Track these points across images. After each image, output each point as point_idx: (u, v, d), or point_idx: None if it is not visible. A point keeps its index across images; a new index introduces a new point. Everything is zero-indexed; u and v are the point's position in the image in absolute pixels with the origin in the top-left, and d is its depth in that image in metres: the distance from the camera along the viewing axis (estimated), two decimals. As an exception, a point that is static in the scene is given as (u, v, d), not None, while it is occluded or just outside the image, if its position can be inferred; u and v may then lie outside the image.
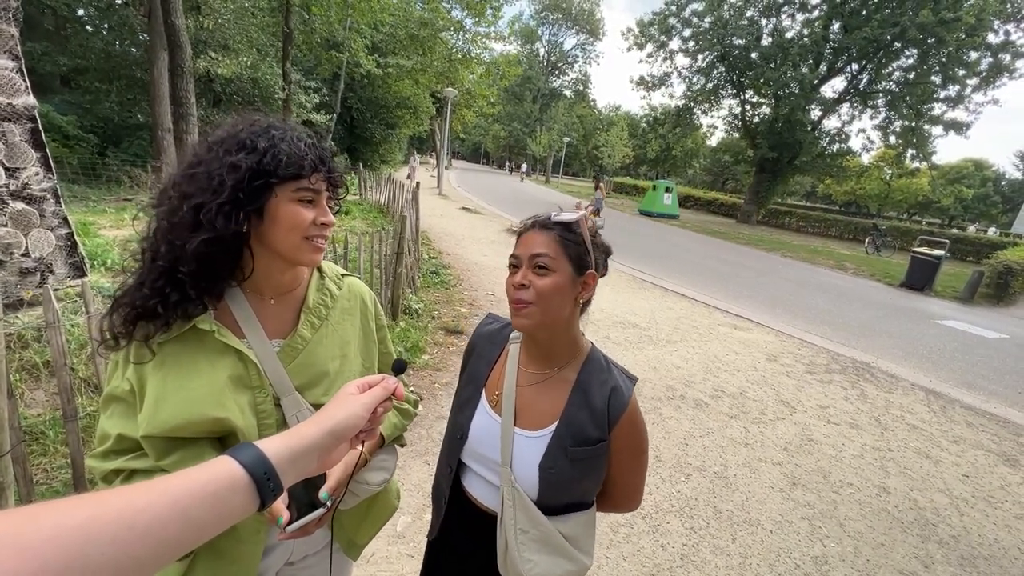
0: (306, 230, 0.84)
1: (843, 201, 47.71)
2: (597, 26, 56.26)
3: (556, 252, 0.94)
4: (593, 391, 1.00)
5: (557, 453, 0.97)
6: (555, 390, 1.02)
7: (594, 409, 0.99)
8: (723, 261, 12.08)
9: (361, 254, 4.02)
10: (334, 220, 0.88)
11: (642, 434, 1.02)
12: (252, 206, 0.80)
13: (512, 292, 0.95)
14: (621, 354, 4.81)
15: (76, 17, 13.38)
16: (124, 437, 0.82)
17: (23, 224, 3.08)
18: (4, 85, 2.94)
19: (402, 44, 18.49)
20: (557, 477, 0.97)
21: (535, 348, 1.05)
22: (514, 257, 0.98)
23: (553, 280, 0.93)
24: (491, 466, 1.03)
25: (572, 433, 0.98)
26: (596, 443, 0.98)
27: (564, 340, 1.03)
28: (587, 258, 0.98)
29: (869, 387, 4.86)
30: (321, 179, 0.86)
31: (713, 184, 54.72)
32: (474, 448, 1.05)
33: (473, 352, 1.17)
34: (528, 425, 1.01)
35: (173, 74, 8.38)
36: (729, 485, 2.96)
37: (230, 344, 0.84)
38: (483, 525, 1.04)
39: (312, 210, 0.85)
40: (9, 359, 2.58)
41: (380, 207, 11.27)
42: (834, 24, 21.74)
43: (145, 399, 0.79)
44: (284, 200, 0.82)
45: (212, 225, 0.76)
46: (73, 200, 7.70)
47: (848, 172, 28.19)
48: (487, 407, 1.07)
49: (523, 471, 0.98)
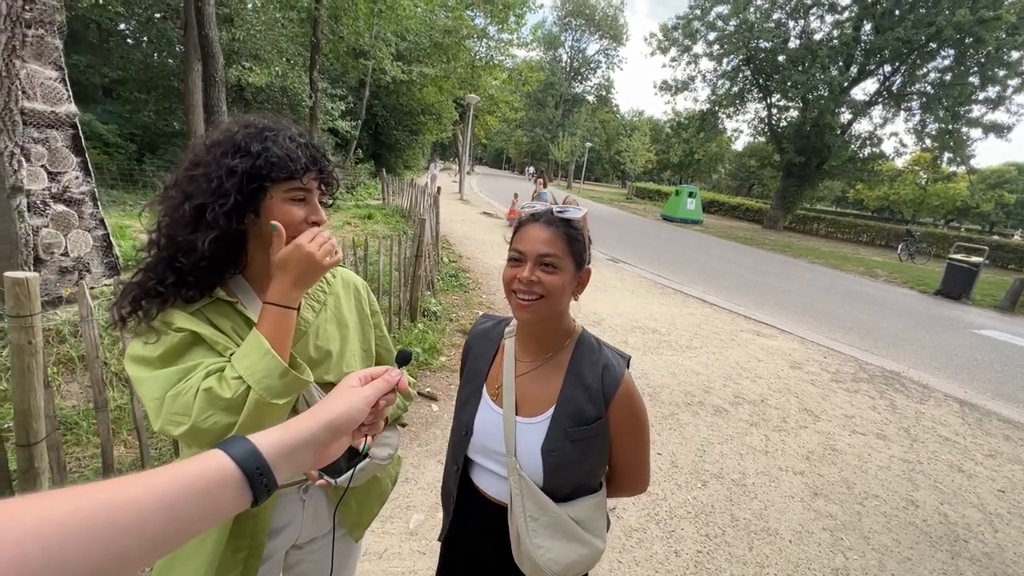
0: (297, 228, 0.88)
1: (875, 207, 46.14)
2: (620, 31, 56.09)
3: (562, 251, 0.95)
4: (585, 371, 1.02)
5: (557, 435, 0.99)
6: (551, 375, 1.04)
7: (589, 388, 1.00)
8: (747, 267, 11.85)
9: (381, 257, 4.09)
10: (325, 218, 0.92)
11: (640, 410, 1.03)
12: (250, 207, 0.85)
13: (517, 286, 0.96)
14: (639, 359, 4.76)
15: (118, 31, 14.05)
16: (191, 367, 0.83)
17: (63, 225, 3.25)
18: (48, 94, 3.12)
19: (426, 52, 18.82)
20: (559, 459, 0.98)
21: (530, 338, 1.08)
22: (517, 252, 0.98)
23: (560, 277, 0.95)
24: (497, 458, 1.05)
25: (570, 414, 0.99)
26: (594, 421, 0.99)
27: (558, 328, 1.06)
28: (585, 254, 1.01)
29: (899, 397, 4.69)
30: (313, 178, 0.90)
31: (738, 189, 53.76)
32: (480, 442, 1.07)
33: (471, 351, 1.20)
34: (528, 412, 1.03)
35: (206, 83, 8.71)
36: (747, 493, 2.90)
37: (249, 317, 0.90)
38: (494, 518, 1.06)
39: (304, 208, 0.89)
40: (47, 353, 2.71)
41: (402, 211, 11.44)
42: (865, 25, 21.21)
43: (207, 337, 0.86)
44: (278, 200, 0.87)
45: (217, 225, 0.83)
46: (111, 204, 8.06)
47: (880, 177, 27.32)
48: (489, 401, 1.09)
49: (527, 458, 1.00)
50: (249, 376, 0.79)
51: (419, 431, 3.12)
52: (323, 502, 1.05)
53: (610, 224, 17.81)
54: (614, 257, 10.47)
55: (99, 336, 1.95)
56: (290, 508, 1.00)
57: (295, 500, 1.01)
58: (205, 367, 0.82)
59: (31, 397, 1.62)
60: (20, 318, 1.58)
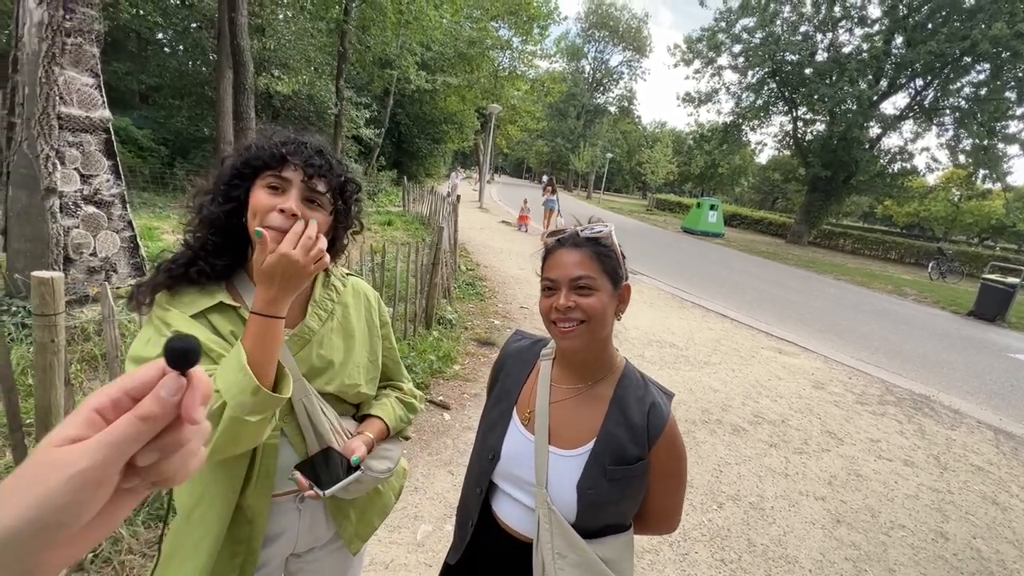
0: (264, 215, 0.86)
1: (905, 223, 44.88)
2: (644, 43, 56.13)
3: (595, 271, 0.92)
4: (631, 407, 0.96)
5: (595, 473, 0.93)
6: (590, 407, 0.98)
7: (633, 426, 0.95)
8: (769, 282, 11.60)
9: (398, 263, 4.12)
10: (294, 207, 0.87)
11: (681, 452, 0.98)
12: (234, 192, 0.90)
13: (555, 315, 0.92)
14: (655, 374, 4.67)
15: (156, 40, 14.60)
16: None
17: (92, 226, 3.35)
18: (84, 100, 3.23)
19: (450, 62, 19.10)
20: (596, 498, 0.93)
21: (570, 365, 1.02)
22: (549, 280, 0.94)
23: (598, 299, 0.91)
24: (524, 487, 1.00)
25: (611, 451, 0.94)
26: (635, 462, 0.94)
27: (602, 356, 1.00)
28: (620, 270, 0.96)
29: (928, 422, 4.50)
30: (293, 169, 0.89)
31: (762, 203, 52.91)
32: (507, 469, 1.02)
33: (503, 370, 1.14)
34: (563, 444, 0.97)
35: (236, 91, 8.96)
36: (765, 517, 2.80)
37: None
38: (514, 552, 1.00)
39: (276, 197, 0.88)
40: (71, 350, 2.79)
41: (422, 218, 11.55)
42: (896, 38, 20.77)
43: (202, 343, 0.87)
44: (256, 189, 0.89)
45: (205, 210, 0.91)
46: (142, 206, 8.32)
47: (910, 193, 26.61)
48: (519, 426, 1.04)
49: (560, 492, 0.94)
50: (225, 391, 0.77)
51: (430, 440, 3.11)
52: (320, 512, 1.04)
53: (629, 235, 17.68)
54: (632, 269, 10.31)
55: (120, 336, 1.99)
56: (286, 517, 0.99)
57: (291, 509, 1.00)
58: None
59: (52, 394, 1.65)
60: (44, 316, 1.61)
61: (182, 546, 0.92)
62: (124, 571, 1.84)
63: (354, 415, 1.11)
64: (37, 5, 3.06)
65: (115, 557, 1.86)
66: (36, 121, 3.08)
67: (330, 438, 0.97)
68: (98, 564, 1.84)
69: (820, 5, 22.27)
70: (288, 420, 0.95)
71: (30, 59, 3.10)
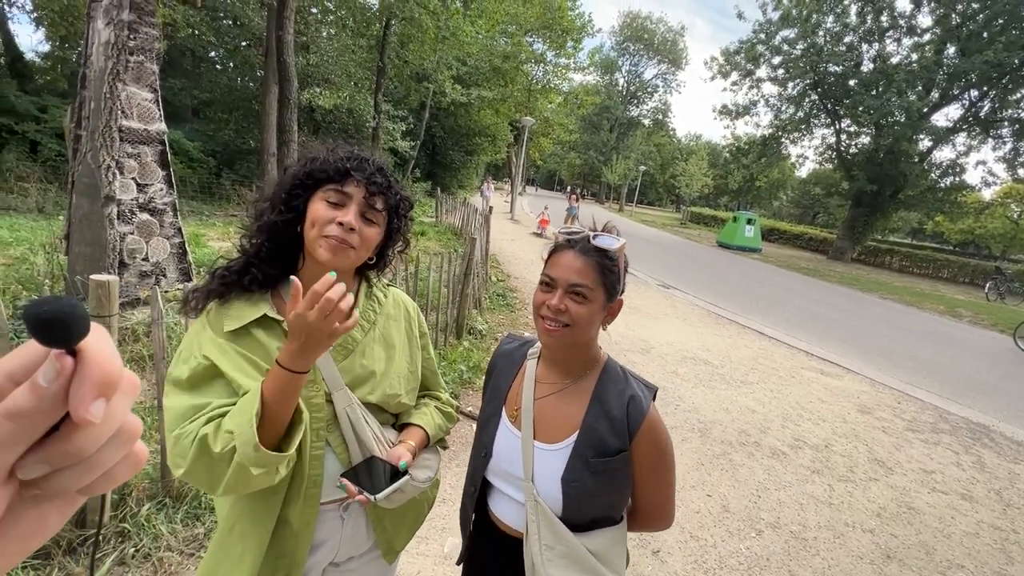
0: (323, 227, 0.89)
1: (958, 240, 42.56)
2: (680, 56, 55.70)
3: (594, 281, 0.93)
4: (611, 400, 0.98)
5: (578, 465, 0.96)
6: (572, 402, 1.02)
7: (613, 418, 0.97)
8: (810, 299, 11.15)
9: (431, 273, 4.16)
10: (353, 222, 0.89)
11: (666, 444, 0.99)
12: (294, 202, 0.91)
13: (545, 312, 0.96)
14: (689, 392, 4.54)
15: (208, 57, 15.46)
16: (202, 405, 0.86)
17: (146, 232, 3.52)
18: (143, 113, 3.43)
19: (485, 76, 19.42)
20: (580, 491, 0.95)
21: (553, 361, 1.06)
22: (548, 277, 0.97)
23: (588, 309, 0.93)
24: (515, 482, 1.03)
25: (592, 444, 0.96)
26: (616, 454, 0.96)
27: (584, 354, 1.04)
28: (619, 285, 0.98)
29: (988, 454, 4.20)
30: (355, 185, 0.91)
31: (801, 217, 51.26)
32: (498, 465, 1.06)
33: (493, 371, 1.19)
34: (547, 438, 1.01)
35: (281, 105, 9.36)
36: (808, 548, 2.65)
37: None
38: (508, 548, 1.03)
39: (335, 210, 0.90)
40: (122, 351, 2.92)
41: (454, 229, 11.69)
42: (948, 48, 19.90)
43: (231, 368, 0.87)
44: (316, 200, 0.91)
45: (265, 217, 0.93)
46: (190, 214, 8.73)
47: (964, 208, 25.18)
48: (507, 423, 1.07)
49: (545, 485, 0.98)
50: (236, 436, 0.77)
51: (458, 450, 3.10)
52: (361, 521, 1.04)
53: (662, 249, 17.40)
54: (665, 283, 10.17)
55: (168, 338, 2.07)
56: (330, 525, 1.00)
57: (335, 518, 1.00)
58: (211, 408, 0.83)
59: (103, 393, 1.72)
60: (99, 318, 1.69)
61: (224, 560, 0.94)
62: (162, 567, 1.89)
63: (393, 424, 1.12)
64: (105, 26, 3.28)
65: (154, 553, 1.92)
66: (99, 133, 3.28)
67: (373, 447, 0.98)
68: (138, 559, 1.89)
69: (866, 15, 21.60)
70: (332, 429, 0.96)
71: (97, 76, 3.32)
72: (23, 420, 0.24)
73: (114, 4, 3.24)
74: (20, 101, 10.62)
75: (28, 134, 10.22)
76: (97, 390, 0.25)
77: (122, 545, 1.92)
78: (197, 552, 1.99)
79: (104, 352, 0.26)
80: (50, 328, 0.24)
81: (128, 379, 0.28)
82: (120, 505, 2.02)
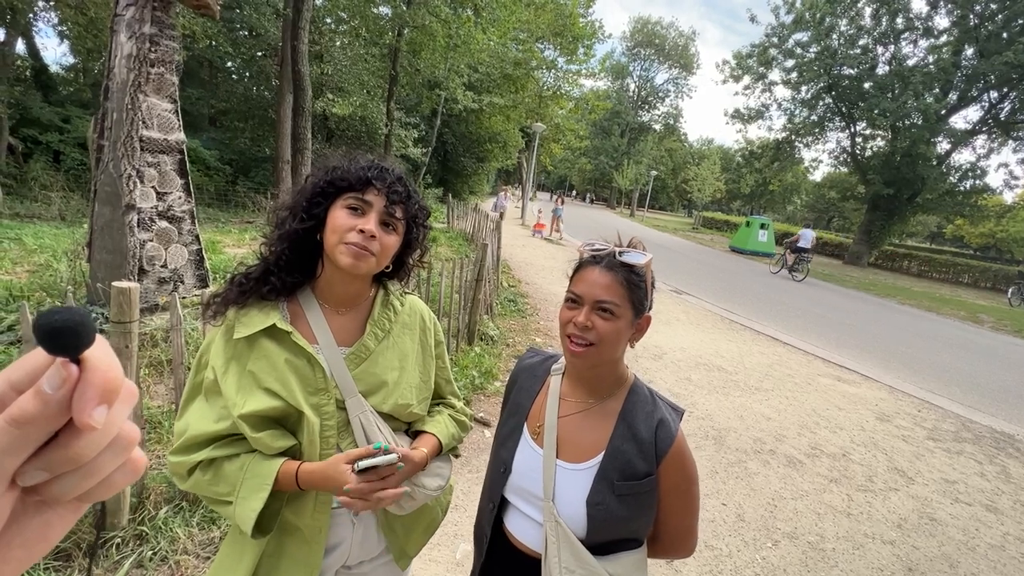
0: (343, 234, 0.90)
1: (979, 244, 41.67)
2: (691, 60, 55.39)
3: (621, 297, 0.91)
4: (638, 423, 0.96)
5: (603, 488, 0.93)
6: (598, 421, 0.99)
7: (641, 441, 0.94)
8: (826, 305, 10.98)
9: (443, 279, 4.18)
10: (374, 230, 0.91)
11: (692, 469, 0.97)
12: (315, 210, 0.93)
13: (571, 330, 0.93)
14: (703, 399, 4.49)
15: (225, 68, 15.78)
16: (203, 431, 0.91)
17: (164, 240, 3.60)
18: (163, 123, 3.51)
19: (496, 82, 19.52)
20: (605, 514, 0.92)
21: (579, 380, 1.04)
22: (574, 294, 0.95)
23: (615, 326, 0.91)
24: (534, 501, 1.00)
25: (618, 466, 0.94)
26: (644, 477, 0.93)
27: (611, 373, 1.01)
28: (646, 301, 0.96)
29: (1013, 464, 4.08)
30: (376, 193, 0.93)
31: (816, 221, 50.53)
32: (517, 483, 1.03)
33: (515, 385, 1.16)
34: (571, 457, 0.98)
35: (295, 114, 9.51)
36: (827, 559, 2.60)
37: (303, 347, 0.93)
38: (524, 567, 1.00)
39: (356, 218, 0.92)
40: (140, 356, 2.97)
41: (465, 235, 11.73)
42: (967, 49, 19.57)
43: (231, 384, 0.90)
44: (336, 208, 0.93)
45: (287, 225, 0.94)
46: (207, 221, 8.89)
47: (985, 212, 24.63)
48: (529, 439, 1.05)
49: (568, 506, 0.95)
50: (236, 515, 0.88)
51: (471, 457, 3.09)
52: (372, 525, 1.05)
53: (675, 254, 17.28)
54: (678, 288, 10.09)
55: (185, 343, 2.11)
56: (342, 529, 1.01)
57: (346, 522, 1.01)
58: (213, 447, 0.91)
59: (123, 397, 1.76)
60: (121, 324, 1.73)
61: (226, 562, 0.98)
62: (179, 570, 1.91)
63: (406, 431, 1.12)
64: (128, 39, 3.37)
65: (171, 556, 1.94)
66: (121, 143, 3.36)
67: None
68: (155, 562, 1.92)
69: (881, 17, 21.36)
70: (345, 436, 0.97)
71: (119, 88, 3.40)
72: (28, 426, 0.25)
73: (136, 18, 3.33)
74: (45, 112, 10.92)
75: (52, 144, 10.50)
76: (100, 397, 0.26)
77: (140, 548, 1.95)
78: (212, 555, 2.01)
79: (107, 361, 0.27)
80: (60, 336, 0.25)
81: (127, 388, 0.29)
82: (139, 508, 2.05)
